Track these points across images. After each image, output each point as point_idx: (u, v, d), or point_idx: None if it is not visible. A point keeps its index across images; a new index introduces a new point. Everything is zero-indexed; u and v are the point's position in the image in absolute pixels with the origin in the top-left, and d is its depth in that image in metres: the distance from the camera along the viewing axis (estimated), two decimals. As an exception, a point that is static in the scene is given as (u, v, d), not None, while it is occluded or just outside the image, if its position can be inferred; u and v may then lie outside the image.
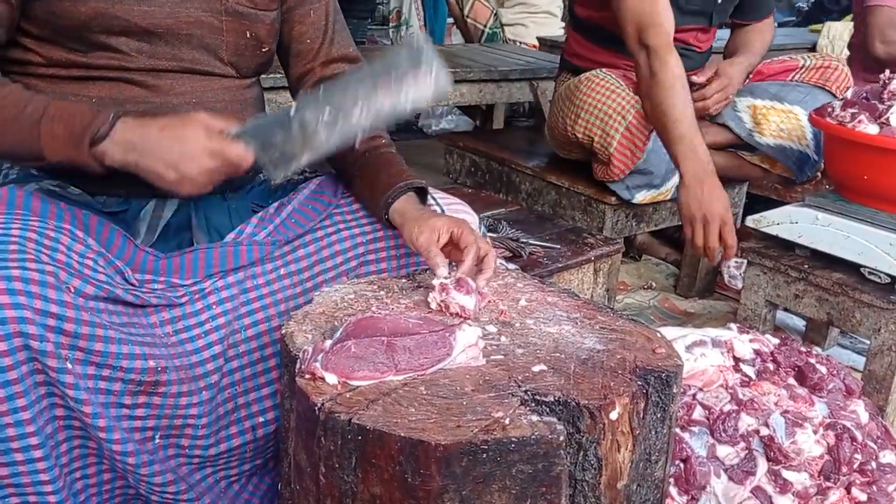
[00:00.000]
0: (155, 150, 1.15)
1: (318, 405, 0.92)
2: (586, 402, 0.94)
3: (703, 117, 2.43)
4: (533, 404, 0.94)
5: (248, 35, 1.33)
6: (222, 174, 1.20)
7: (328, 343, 1.00)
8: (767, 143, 2.40)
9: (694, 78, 2.33)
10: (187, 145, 1.15)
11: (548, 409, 0.94)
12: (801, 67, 2.42)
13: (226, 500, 1.27)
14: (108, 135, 1.15)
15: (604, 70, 2.29)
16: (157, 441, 1.18)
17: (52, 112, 1.16)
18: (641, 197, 2.27)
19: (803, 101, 2.33)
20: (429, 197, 1.43)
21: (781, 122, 2.38)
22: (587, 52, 2.43)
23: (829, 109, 1.96)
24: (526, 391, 0.96)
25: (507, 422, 0.90)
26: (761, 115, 2.39)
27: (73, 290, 1.07)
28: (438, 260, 1.20)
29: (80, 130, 1.15)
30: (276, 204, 1.40)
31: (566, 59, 2.54)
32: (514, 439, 0.88)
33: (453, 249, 1.25)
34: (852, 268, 1.88)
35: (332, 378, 0.96)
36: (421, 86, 1.13)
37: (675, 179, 2.26)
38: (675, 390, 1.05)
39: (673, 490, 1.32)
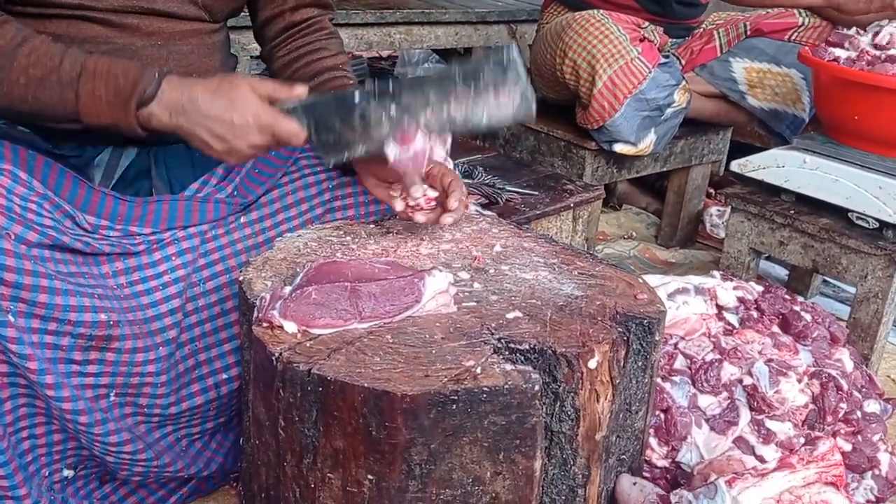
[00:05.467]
0: (204, 117, 1.07)
1: (276, 355, 0.87)
2: (563, 349, 0.90)
3: (693, 70, 2.35)
4: (507, 353, 0.90)
5: None
6: (271, 149, 1.13)
7: (287, 289, 0.94)
8: (761, 107, 2.34)
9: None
10: (239, 116, 1.07)
11: (522, 358, 0.90)
12: (800, 26, 2.34)
13: (187, 459, 1.22)
14: (157, 95, 1.06)
15: (601, 11, 2.16)
16: (112, 399, 1.13)
17: (91, 68, 1.05)
18: (619, 148, 2.20)
19: (800, 63, 2.26)
20: None
21: (777, 85, 2.32)
22: None
23: (822, 47, 1.89)
24: (499, 339, 0.92)
25: (478, 371, 0.85)
26: (756, 77, 2.33)
27: (13, 236, 1.02)
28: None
29: (126, 91, 1.05)
30: None
31: None
32: (485, 389, 0.83)
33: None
34: (840, 213, 1.84)
35: (290, 326, 0.91)
36: (501, 104, 1.04)
37: (652, 137, 2.20)
38: (657, 337, 1.00)
39: (653, 441, 1.29)
